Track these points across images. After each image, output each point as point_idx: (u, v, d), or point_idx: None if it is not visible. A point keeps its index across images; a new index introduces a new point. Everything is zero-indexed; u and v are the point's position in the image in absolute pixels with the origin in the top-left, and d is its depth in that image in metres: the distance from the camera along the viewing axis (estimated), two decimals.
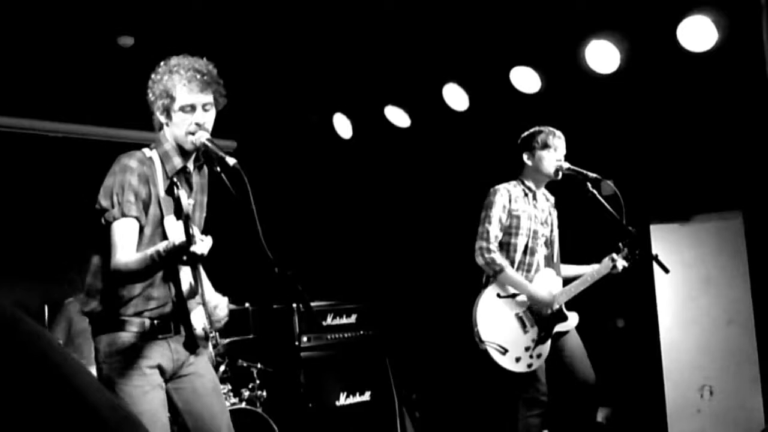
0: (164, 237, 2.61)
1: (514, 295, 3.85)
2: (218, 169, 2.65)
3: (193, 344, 2.66)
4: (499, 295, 3.84)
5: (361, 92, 5.60)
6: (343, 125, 5.91)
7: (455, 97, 5.25)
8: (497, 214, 3.84)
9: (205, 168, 2.81)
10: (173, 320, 2.68)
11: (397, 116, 5.62)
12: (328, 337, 5.07)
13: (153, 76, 2.67)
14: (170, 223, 2.60)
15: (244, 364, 4.52)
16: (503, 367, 3.74)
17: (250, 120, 5.60)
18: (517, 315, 3.84)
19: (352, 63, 5.21)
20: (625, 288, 4.63)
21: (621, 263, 3.89)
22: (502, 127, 4.49)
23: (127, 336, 2.61)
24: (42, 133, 5.21)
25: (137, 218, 2.58)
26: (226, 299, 2.84)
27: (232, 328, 4.64)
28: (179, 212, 2.39)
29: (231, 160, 2.57)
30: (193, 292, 2.65)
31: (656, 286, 4.99)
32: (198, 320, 2.70)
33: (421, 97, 5.40)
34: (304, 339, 4.95)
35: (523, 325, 3.83)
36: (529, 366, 3.79)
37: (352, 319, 5.22)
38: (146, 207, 2.61)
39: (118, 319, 2.61)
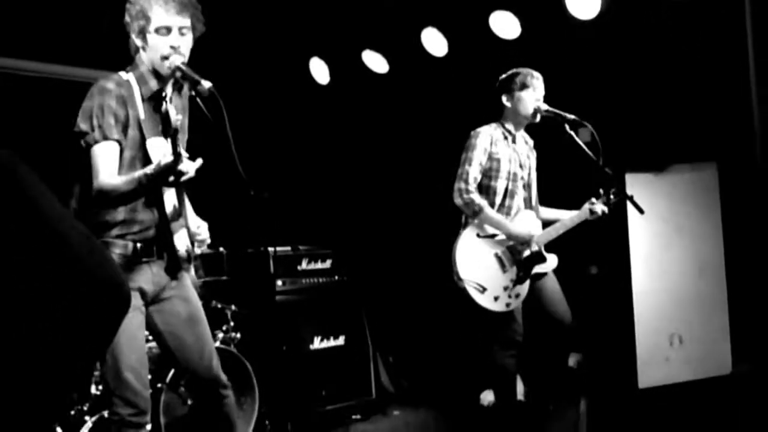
0: (146, 160, 2.66)
1: (493, 236, 3.97)
2: (193, 93, 2.72)
3: (176, 268, 2.74)
4: (478, 235, 3.96)
5: (339, 36, 5.62)
6: (319, 70, 5.93)
7: (434, 42, 5.31)
8: (478, 156, 3.94)
9: (186, 89, 2.86)
10: (157, 244, 2.77)
11: (375, 61, 5.66)
12: (303, 281, 5.16)
13: None
14: (153, 145, 2.66)
15: (219, 306, 4.59)
16: (481, 306, 3.85)
17: (224, 64, 5.58)
18: (496, 255, 3.96)
19: (330, 6, 5.22)
20: (599, 236, 4.77)
21: (600, 207, 4.03)
22: (481, 72, 4.56)
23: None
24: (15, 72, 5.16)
25: (118, 141, 2.63)
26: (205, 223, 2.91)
27: (206, 270, 4.72)
28: (167, 129, 2.43)
29: (206, 84, 2.63)
30: (177, 214, 2.72)
31: (630, 235, 5.14)
32: (181, 243, 2.77)
33: (400, 42, 5.45)
34: (279, 283, 5.02)
35: (502, 265, 3.95)
36: (507, 305, 3.92)
37: (327, 264, 5.32)
38: (125, 129, 2.67)
39: (102, 241, 2.68)
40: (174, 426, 3.99)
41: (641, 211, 3.98)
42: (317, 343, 5.11)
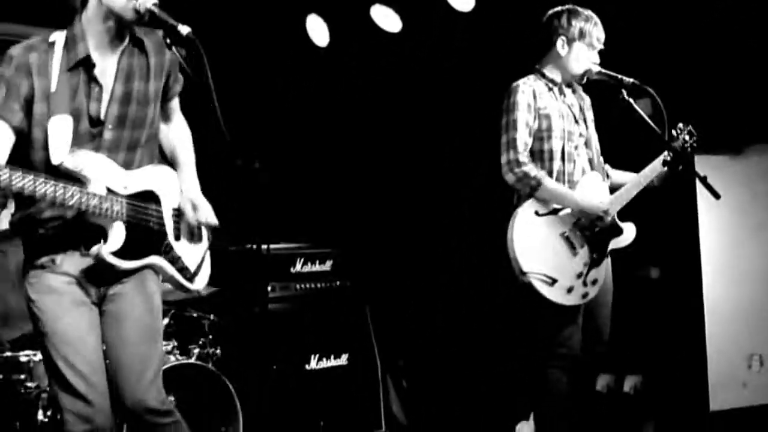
0: (44, 142, 2.65)
1: (556, 211, 3.81)
2: (168, 41, 2.74)
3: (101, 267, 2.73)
4: (537, 213, 3.79)
5: None
6: (318, 30, 5.86)
7: None
8: (523, 116, 3.79)
9: (161, 45, 2.85)
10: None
11: (386, 18, 5.59)
12: (297, 287, 5.10)
13: None
14: (55, 125, 2.64)
15: (194, 314, 4.51)
16: (549, 303, 3.70)
17: (209, 24, 5.51)
18: (562, 235, 3.79)
19: None
20: (663, 230, 4.66)
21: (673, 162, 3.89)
22: (510, 29, 4.46)
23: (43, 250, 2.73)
24: None
25: (6, 119, 2.64)
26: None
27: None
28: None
29: (184, 29, 2.66)
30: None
31: (700, 231, 5.04)
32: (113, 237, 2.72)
33: None
34: (268, 288, 4.94)
35: (572, 247, 3.79)
36: (584, 296, 3.77)
37: (327, 266, 5.23)
38: (28, 104, 2.66)
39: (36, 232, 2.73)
40: None
41: (717, 196, 3.86)
42: (315, 363, 5.03)
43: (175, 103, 3.06)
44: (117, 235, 2.72)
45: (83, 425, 2.66)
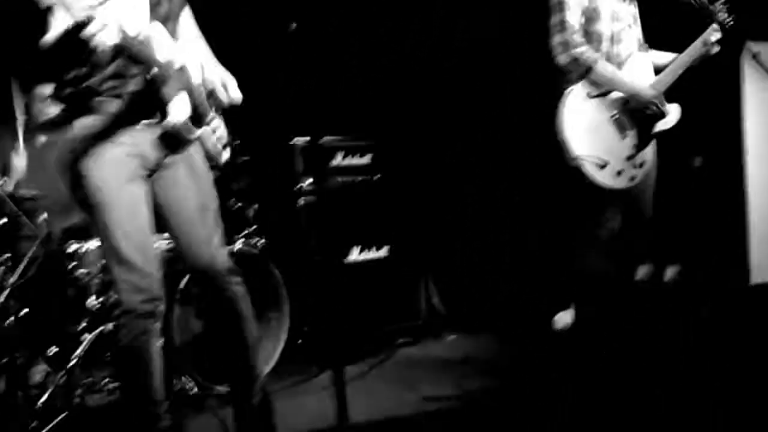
0: None
1: (605, 93, 3.77)
2: None
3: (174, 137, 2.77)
4: (589, 95, 3.75)
5: None
6: None
7: None
8: None
9: None
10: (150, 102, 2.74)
11: None
12: (338, 180, 5.07)
13: None
14: None
15: (239, 205, 4.52)
16: (598, 185, 3.68)
17: None
18: (612, 117, 3.77)
19: None
20: (705, 116, 4.59)
21: (715, 35, 3.82)
22: None
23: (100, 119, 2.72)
24: None
25: None
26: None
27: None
28: None
29: None
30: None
31: (745, 117, 4.94)
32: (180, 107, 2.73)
33: None
34: (308, 181, 4.93)
35: (622, 129, 3.77)
36: (632, 179, 3.77)
37: (367, 159, 5.21)
38: None
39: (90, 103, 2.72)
40: (190, 345, 3.99)
41: None
42: (356, 255, 5.06)
43: None
44: (184, 102, 2.74)
45: (139, 295, 2.70)
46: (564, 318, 5.01)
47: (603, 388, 3.68)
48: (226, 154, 3.14)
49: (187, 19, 3.03)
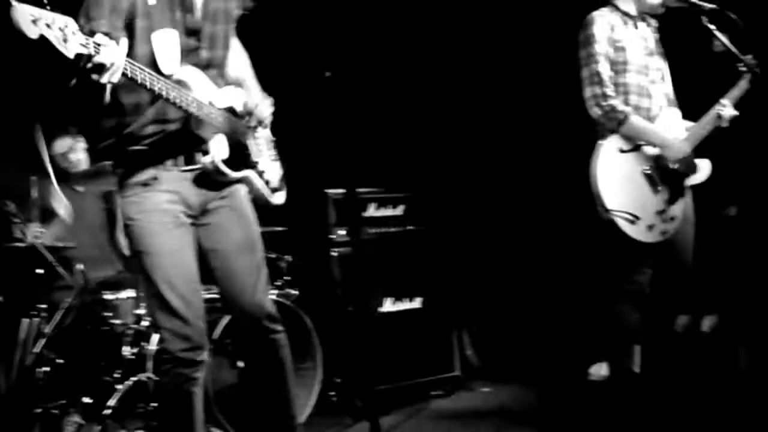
0: (151, 56, 2.66)
1: (638, 147, 3.78)
2: None
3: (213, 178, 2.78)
4: (622, 150, 3.76)
5: None
6: None
7: None
8: (603, 48, 3.75)
9: None
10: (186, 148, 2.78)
11: None
12: (371, 231, 5.09)
13: None
14: (159, 38, 2.66)
15: (273, 256, 4.55)
16: (629, 240, 3.67)
17: None
18: (644, 172, 3.77)
19: None
20: (741, 165, 4.56)
21: (729, 112, 3.84)
22: None
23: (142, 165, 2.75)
24: None
25: (107, 34, 2.59)
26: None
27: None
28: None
29: None
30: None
31: None
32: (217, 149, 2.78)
33: None
34: (341, 232, 4.96)
35: (653, 184, 3.76)
36: (664, 233, 3.75)
37: (399, 210, 5.22)
38: (131, 20, 2.67)
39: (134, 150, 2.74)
40: (223, 394, 3.99)
41: None
42: (389, 306, 5.05)
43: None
44: (221, 145, 2.78)
45: (181, 343, 2.70)
46: (600, 369, 4.96)
47: None
48: (279, 197, 3.16)
49: (239, 63, 3.10)
